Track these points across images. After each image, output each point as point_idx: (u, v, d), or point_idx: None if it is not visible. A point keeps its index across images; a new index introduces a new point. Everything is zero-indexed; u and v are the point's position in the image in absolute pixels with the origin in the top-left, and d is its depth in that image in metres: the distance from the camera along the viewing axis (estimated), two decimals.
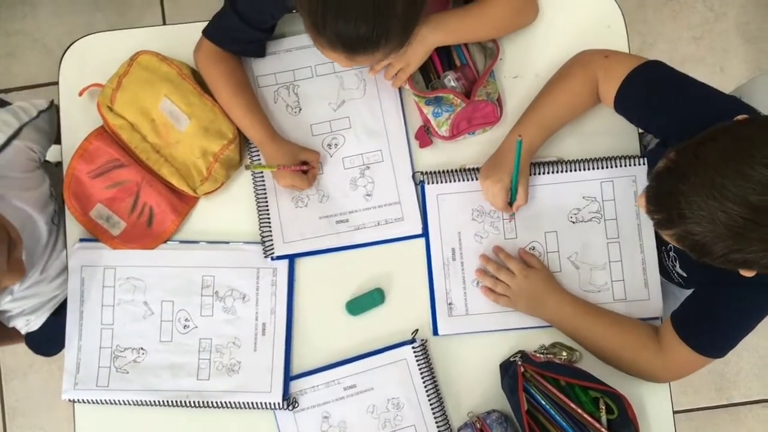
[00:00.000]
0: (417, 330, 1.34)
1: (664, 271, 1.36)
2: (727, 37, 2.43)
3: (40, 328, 1.55)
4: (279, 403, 1.33)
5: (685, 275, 1.31)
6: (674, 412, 1.35)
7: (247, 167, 1.35)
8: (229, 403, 1.33)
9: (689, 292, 1.29)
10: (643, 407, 1.32)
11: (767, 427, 2.32)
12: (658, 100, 1.20)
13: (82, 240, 1.39)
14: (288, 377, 1.35)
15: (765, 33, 2.42)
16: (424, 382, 1.33)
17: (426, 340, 1.35)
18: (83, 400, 1.35)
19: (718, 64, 2.40)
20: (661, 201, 0.99)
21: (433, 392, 1.33)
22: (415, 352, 1.33)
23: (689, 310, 1.24)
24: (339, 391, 1.34)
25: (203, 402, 1.34)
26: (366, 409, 1.34)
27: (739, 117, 1.00)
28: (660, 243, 1.34)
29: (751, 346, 2.33)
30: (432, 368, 1.34)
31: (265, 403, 1.33)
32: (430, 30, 1.28)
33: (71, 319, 1.37)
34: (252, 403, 1.33)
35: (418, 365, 1.33)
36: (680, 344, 1.22)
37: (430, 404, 1.32)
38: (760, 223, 0.90)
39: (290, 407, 1.33)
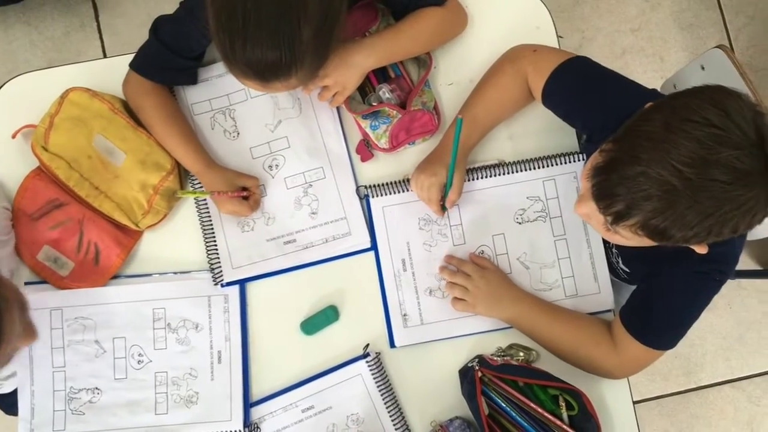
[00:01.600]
0: (368, 344, 1.34)
1: (612, 269, 1.37)
2: (665, 27, 2.47)
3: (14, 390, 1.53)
4: (240, 431, 1.31)
5: (628, 270, 1.33)
6: (635, 402, 1.36)
7: (177, 193, 1.33)
8: None
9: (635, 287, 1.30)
10: (602, 400, 1.33)
11: (736, 407, 2.35)
12: (582, 95, 1.22)
13: (26, 283, 1.36)
14: (248, 403, 1.33)
15: (700, 20, 2.47)
16: (381, 395, 1.32)
17: (380, 353, 1.35)
18: None
19: (657, 54, 2.44)
20: (614, 192, 0.97)
21: (392, 404, 1.32)
22: (369, 366, 1.33)
23: (634, 306, 1.26)
24: (297, 414, 1.33)
25: None
26: (326, 429, 1.33)
27: (649, 103, 1.01)
28: (604, 239, 1.35)
29: (713, 328, 2.37)
30: (388, 380, 1.34)
31: None
32: (364, 56, 1.29)
33: (22, 366, 1.34)
34: None
35: (374, 378, 1.32)
36: (631, 340, 1.23)
37: (391, 417, 1.32)
38: (715, 178, 0.90)
39: None
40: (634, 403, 1.38)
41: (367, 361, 1.33)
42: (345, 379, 1.34)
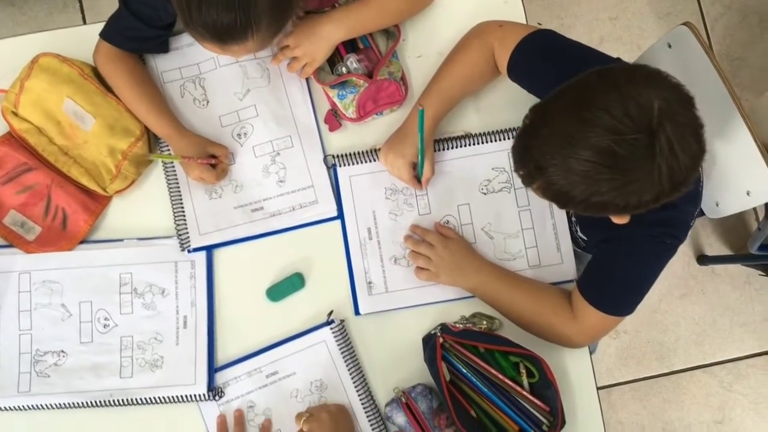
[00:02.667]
0: (332, 311, 1.35)
1: (572, 239, 1.39)
2: (642, 16, 2.50)
3: None
4: (204, 395, 1.32)
5: (585, 238, 1.35)
6: (608, 387, 1.38)
7: (149, 156, 1.34)
8: (154, 398, 1.33)
9: None
10: (563, 368, 1.34)
11: (708, 392, 2.37)
12: (545, 66, 1.24)
13: None
14: (212, 368, 1.34)
15: (677, 9, 2.50)
16: (345, 362, 1.34)
17: (344, 320, 1.36)
18: (5, 407, 1.33)
19: (635, 42, 2.47)
20: (520, 158, 1.04)
21: (356, 371, 1.34)
22: (333, 332, 1.34)
23: (590, 273, 1.28)
24: (261, 379, 1.34)
25: (128, 400, 1.33)
26: (290, 394, 1.34)
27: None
28: (567, 210, 1.37)
29: (687, 314, 2.39)
30: (352, 347, 1.35)
31: (190, 396, 1.33)
32: (333, 28, 1.31)
33: None
34: (177, 396, 1.33)
35: (338, 345, 1.34)
36: (588, 307, 1.25)
37: (354, 383, 1.33)
38: (605, 164, 0.94)
39: (216, 398, 1.33)
40: (607, 387, 1.40)
41: (331, 328, 1.34)
42: (309, 345, 1.35)
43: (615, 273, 1.24)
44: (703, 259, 2.39)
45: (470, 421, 1.27)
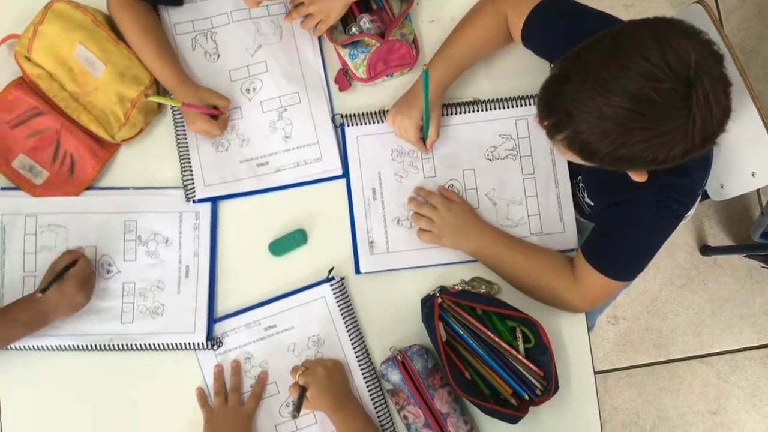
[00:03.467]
0: (333, 268, 1.36)
1: (577, 206, 1.40)
2: (657, 5, 2.49)
3: None
4: (203, 343, 1.33)
5: (592, 204, 1.35)
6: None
7: (149, 97, 1.34)
8: (153, 345, 1.34)
9: None
10: (559, 335, 1.35)
11: (704, 382, 2.37)
12: (559, 32, 1.24)
13: (2, 189, 1.38)
14: (212, 318, 1.36)
15: None
16: (343, 319, 1.34)
17: (344, 278, 1.37)
18: (7, 347, 1.34)
19: None
20: (548, 106, 1.03)
21: (354, 329, 1.35)
22: (333, 289, 1.35)
23: (595, 237, 1.28)
24: (260, 331, 1.35)
25: (127, 345, 1.34)
26: (287, 348, 1.35)
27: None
28: (572, 176, 1.38)
29: (687, 303, 2.40)
30: (351, 305, 1.36)
31: (189, 344, 1.34)
32: None
33: None
34: (176, 344, 1.34)
35: (337, 302, 1.35)
36: (591, 271, 1.26)
37: (351, 340, 1.34)
38: (640, 112, 0.93)
39: (214, 347, 1.34)
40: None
41: (331, 285, 1.35)
42: (308, 300, 1.36)
43: (620, 237, 1.24)
44: (706, 249, 2.39)
45: (464, 382, 1.28)
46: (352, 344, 1.34)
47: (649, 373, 2.38)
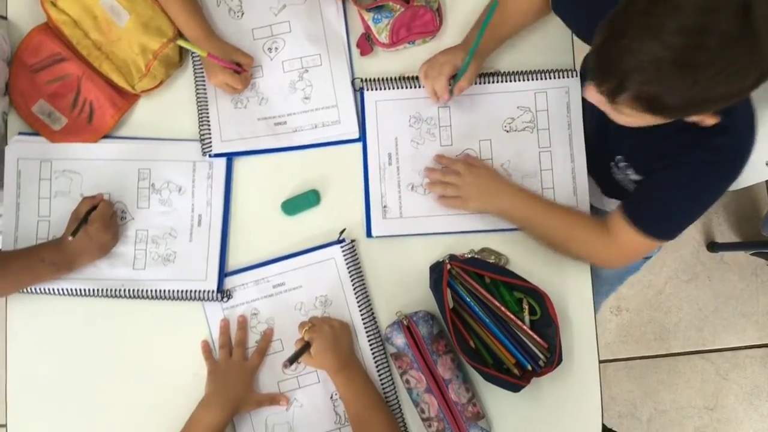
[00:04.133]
0: (344, 229, 1.37)
1: (618, 188, 1.40)
2: None
3: None
4: (213, 292, 1.34)
5: (639, 178, 1.33)
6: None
7: (177, 41, 1.34)
8: (164, 292, 1.35)
9: None
10: (565, 308, 1.36)
11: (703, 377, 2.38)
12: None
13: (21, 133, 1.39)
14: (223, 269, 1.36)
15: None
16: (352, 281, 1.35)
17: (354, 240, 1.37)
18: (23, 290, 1.35)
19: None
20: (604, 69, 0.99)
21: (361, 291, 1.35)
22: (343, 251, 1.36)
23: (639, 196, 1.27)
24: (268, 288, 1.36)
25: (138, 291, 1.35)
26: (294, 307, 1.36)
27: None
28: (609, 159, 1.37)
29: (691, 298, 2.40)
30: (360, 268, 1.37)
31: (200, 292, 1.35)
32: None
33: (8, 212, 1.37)
34: (186, 292, 1.35)
35: (346, 264, 1.35)
36: (628, 229, 1.24)
37: (358, 303, 1.35)
38: (701, 45, 0.90)
39: (224, 299, 1.34)
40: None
41: (341, 247, 1.36)
42: (318, 261, 1.36)
43: (667, 197, 1.22)
44: (713, 245, 2.39)
45: (468, 350, 1.28)
46: (359, 307, 1.35)
47: (648, 365, 2.38)
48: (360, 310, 1.35)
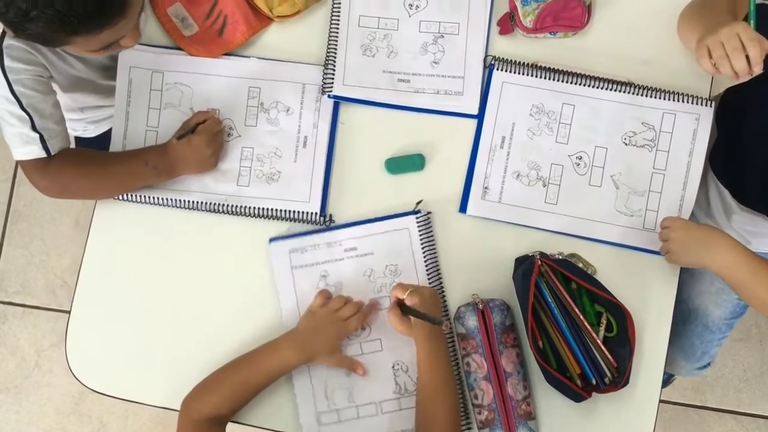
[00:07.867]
0: (421, 200, 1.35)
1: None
2: None
3: (95, 137, 1.61)
4: (316, 214, 1.35)
5: None
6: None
7: None
8: (267, 210, 1.35)
9: None
10: (641, 331, 1.32)
11: None
12: None
13: (140, 44, 1.38)
14: (327, 192, 1.37)
15: None
16: (423, 254, 1.34)
17: (430, 213, 1.36)
18: (121, 197, 1.38)
19: None
20: None
21: (432, 265, 1.34)
22: (418, 222, 1.35)
23: None
24: (339, 252, 1.35)
25: (241, 208, 1.35)
26: (363, 272, 1.35)
27: None
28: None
29: (737, 357, 2.35)
30: (433, 241, 1.35)
31: (303, 213, 1.35)
32: None
33: (118, 119, 1.39)
34: (290, 211, 1.35)
35: (420, 236, 1.34)
36: None
37: (428, 276, 1.34)
38: None
39: (327, 223, 1.35)
40: None
41: (416, 218, 1.35)
42: (392, 229, 1.35)
43: None
44: None
45: (537, 348, 1.27)
46: (429, 281, 1.34)
47: (680, 413, 2.34)
48: (429, 284, 1.34)
